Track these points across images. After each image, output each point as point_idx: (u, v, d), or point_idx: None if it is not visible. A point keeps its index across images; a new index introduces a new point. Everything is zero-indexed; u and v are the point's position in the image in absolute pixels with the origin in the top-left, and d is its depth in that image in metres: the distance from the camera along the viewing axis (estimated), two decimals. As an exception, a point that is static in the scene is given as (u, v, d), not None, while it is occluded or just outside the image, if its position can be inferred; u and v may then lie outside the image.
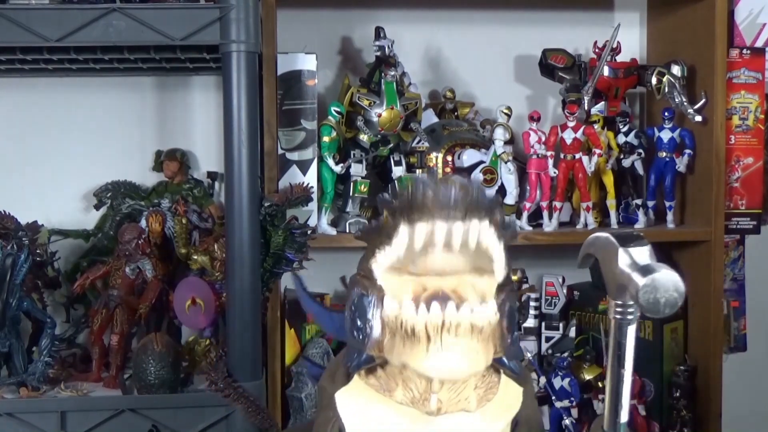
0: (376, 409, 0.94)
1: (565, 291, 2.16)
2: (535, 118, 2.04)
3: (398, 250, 0.87)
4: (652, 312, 0.86)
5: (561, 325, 2.14)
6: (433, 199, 0.83)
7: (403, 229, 0.85)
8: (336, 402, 0.96)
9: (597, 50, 2.17)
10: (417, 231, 0.84)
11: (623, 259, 0.88)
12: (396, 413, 0.92)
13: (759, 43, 2.18)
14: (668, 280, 0.85)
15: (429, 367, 0.85)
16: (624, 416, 0.91)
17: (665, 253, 2.14)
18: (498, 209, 0.87)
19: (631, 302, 0.89)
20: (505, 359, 0.92)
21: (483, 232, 0.85)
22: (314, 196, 1.90)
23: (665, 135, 2.08)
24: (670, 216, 2.09)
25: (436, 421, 0.92)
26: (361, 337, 0.91)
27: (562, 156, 2.04)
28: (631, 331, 0.91)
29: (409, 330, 0.86)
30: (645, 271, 0.85)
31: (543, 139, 2.03)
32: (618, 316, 0.91)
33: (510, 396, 0.97)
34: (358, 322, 0.91)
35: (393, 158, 2.04)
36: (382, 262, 0.89)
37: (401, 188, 0.86)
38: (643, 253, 0.88)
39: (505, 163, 2.03)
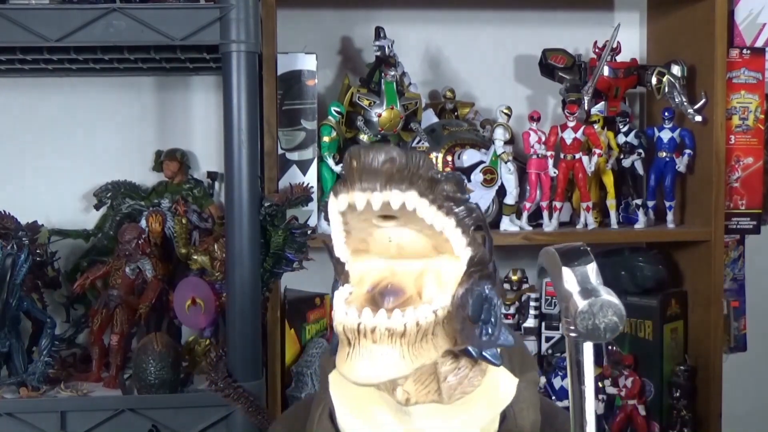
0: (360, 394, 0.94)
1: (565, 291, 2.15)
2: (535, 118, 2.04)
3: (334, 226, 0.85)
4: (593, 338, 0.84)
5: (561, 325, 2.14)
6: (355, 167, 0.80)
7: (331, 200, 0.83)
8: (329, 383, 0.97)
9: (597, 50, 2.17)
10: (339, 201, 0.82)
11: (566, 278, 0.86)
12: (376, 400, 0.93)
13: (759, 43, 2.18)
14: (607, 305, 0.83)
15: (346, 372, 0.82)
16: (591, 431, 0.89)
17: (665, 253, 2.14)
18: (442, 183, 0.83)
19: None
20: (472, 350, 0.87)
21: (409, 202, 0.80)
22: (314, 196, 1.90)
23: (665, 135, 2.08)
24: (670, 216, 2.09)
25: (410, 411, 0.91)
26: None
27: (562, 156, 2.04)
28: (588, 348, 0.87)
29: (336, 331, 0.84)
30: (584, 294, 0.83)
31: (543, 139, 2.03)
32: (572, 334, 0.87)
33: (499, 389, 0.95)
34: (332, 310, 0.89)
35: (393, 158, 2.04)
36: (337, 242, 0.87)
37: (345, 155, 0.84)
38: (586, 273, 0.86)
39: (505, 163, 2.02)
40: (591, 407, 0.89)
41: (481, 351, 0.87)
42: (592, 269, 0.86)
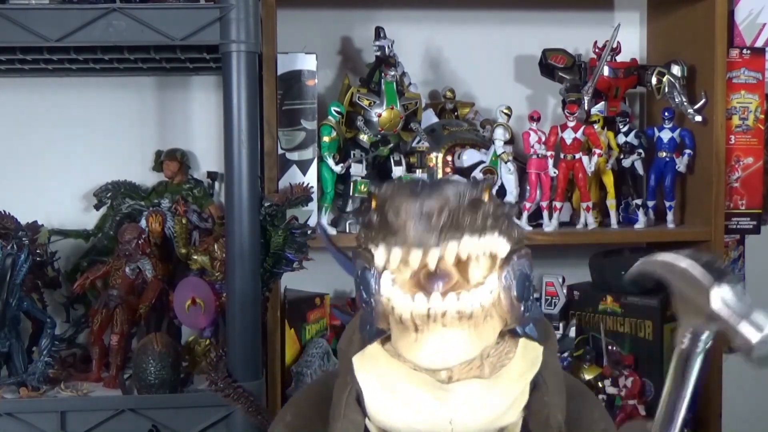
0: (392, 375, 0.93)
1: (565, 291, 2.16)
2: (535, 118, 2.04)
3: (379, 261, 0.87)
4: (762, 364, 0.83)
5: (561, 325, 2.14)
6: (406, 227, 0.82)
7: (381, 248, 0.85)
8: (353, 366, 0.96)
9: (597, 50, 2.17)
10: (392, 255, 0.84)
11: (717, 298, 0.84)
12: (412, 379, 0.92)
13: (759, 43, 2.18)
14: None
15: (417, 358, 0.84)
16: None
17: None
18: (482, 205, 0.85)
19: (706, 333, 0.87)
20: (518, 329, 0.91)
21: (464, 250, 0.84)
22: (314, 196, 1.90)
23: (665, 135, 2.08)
24: (670, 216, 2.09)
25: (450, 388, 0.91)
26: (369, 309, 0.90)
27: (562, 156, 2.04)
28: (698, 362, 0.88)
29: (398, 317, 0.85)
30: (753, 323, 0.82)
31: (543, 139, 2.03)
32: (686, 345, 0.88)
33: (528, 357, 0.96)
34: (364, 295, 0.90)
35: (393, 158, 2.04)
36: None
37: (380, 195, 0.86)
38: (738, 294, 0.84)
39: (505, 163, 2.02)
40: (681, 419, 0.88)
41: (524, 328, 0.91)
42: (742, 287, 0.85)
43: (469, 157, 2.05)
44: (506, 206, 0.90)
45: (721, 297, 0.84)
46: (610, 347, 2.08)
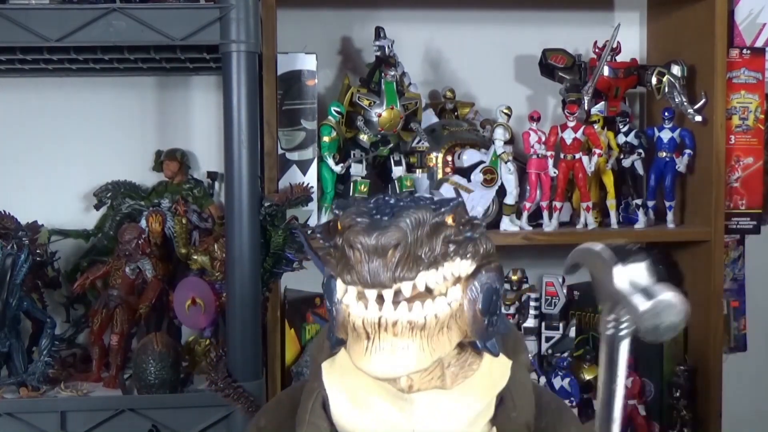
0: (358, 384, 0.94)
1: (565, 291, 2.16)
2: (535, 118, 2.04)
3: (338, 293, 0.87)
4: (651, 336, 0.83)
5: (561, 325, 2.14)
6: (361, 264, 0.81)
7: (340, 281, 0.85)
8: (321, 372, 0.97)
9: (597, 50, 2.17)
10: (349, 291, 0.84)
11: (620, 276, 0.84)
12: (376, 389, 0.93)
13: (759, 43, 2.18)
14: (671, 304, 0.82)
15: (366, 366, 0.83)
16: (617, 429, 0.89)
17: (665, 253, 2.14)
18: (443, 229, 0.84)
19: (627, 317, 0.86)
20: (478, 342, 0.89)
21: (420, 284, 0.83)
22: (314, 196, 1.90)
23: (665, 135, 2.08)
24: (670, 216, 2.09)
25: (411, 398, 0.92)
26: (331, 317, 0.90)
27: (562, 156, 2.04)
28: (624, 346, 0.87)
29: (352, 325, 0.85)
30: (646, 294, 0.82)
31: (543, 139, 2.03)
32: (610, 331, 0.88)
33: (495, 371, 0.96)
34: (328, 303, 0.90)
35: (393, 158, 2.04)
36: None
37: (341, 224, 0.85)
38: (641, 271, 0.84)
39: (505, 163, 2.02)
40: (620, 405, 0.88)
41: (485, 342, 0.89)
42: (647, 266, 0.84)
43: (469, 157, 2.05)
44: (473, 227, 0.88)
45: (622, 275, 0.84)
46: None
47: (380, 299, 0.83)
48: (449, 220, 0.86)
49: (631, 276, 0.84)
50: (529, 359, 1.06)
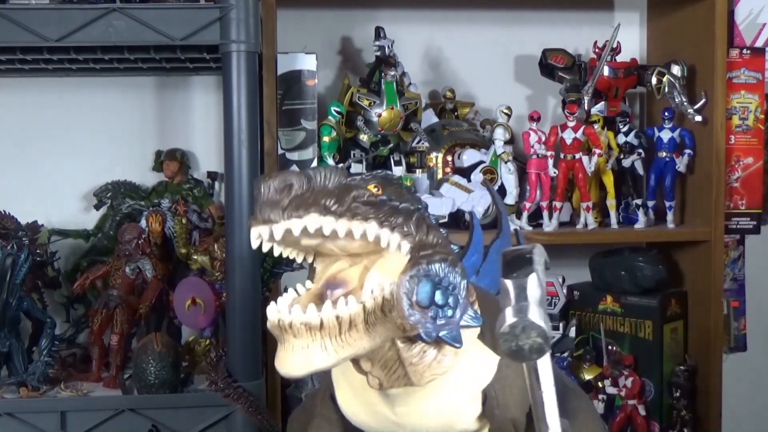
0: (358, 381, 0.99)
1: (565, 291, 2.16)
2: (535, 118, 2.04)
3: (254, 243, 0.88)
4: (517, 358, 0.79)
5: (561, 325, 2.14)
6: (258, 202, 0.84)
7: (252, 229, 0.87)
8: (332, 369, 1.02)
9: (597, 50, 2.17)
10: (251, 235, 0.86)
11: (503, 290, 0.80)
12: (366, 383, 0.97)
13: (759, 43, 2.18)
14: (530, 327, 0.77)
15: (276, 365, 0.88)
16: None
17: (665, 253, 2.14)
18: (352, 190, 0.85)
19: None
20: (423, 335, 0.87)
21: (311, 224, 0.84)
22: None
23: (665, 135, 2.08)
24: (670, 216, 2.09)
25: (393, 395, 0.96)
26: None
27: (562, 156, 2.04)
28: (544, 356, 0.82)
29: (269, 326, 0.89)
30: (513, 312, 0.78)
31: (543, 139, 2.03)
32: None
33: (479, 367, 0.96)
34: None
35: (393, 158, 2.04)
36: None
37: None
38: (523, 287, 0.79)
39: (505, 163, 2.03)
40: (553, 411, 0.84)
41: (437, 334, 0.87)
42: (532, 282, 0.79)
43: (469, 157, 2.05)
44: (409, 205, 0.88)
45: (504, 288, 0.80)
46: (610, 347, 2.08)
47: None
48: (371, 188, 0.87)
49: (512, 289, 0.80)
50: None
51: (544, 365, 0.83)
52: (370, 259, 0.89)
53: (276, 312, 0.86)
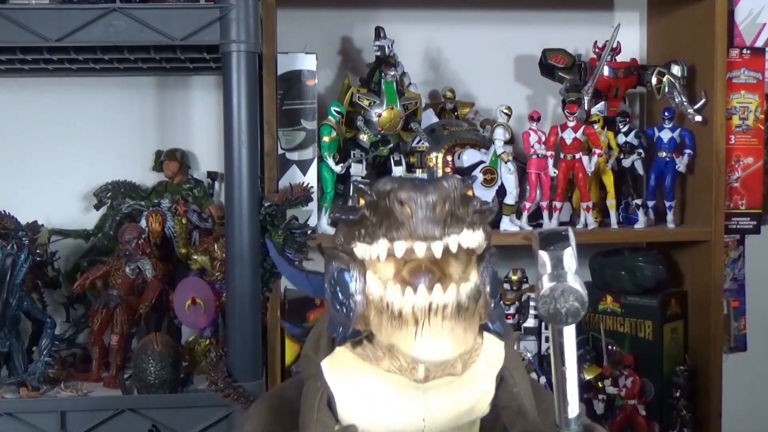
0: (365, 378, 0.94)
1: (565, 291, 2.15)
2: (535, 118, 2.04)
3: (376, 254, 0.87)
4: (554, 321, 0.85)
5: (561, 325, 2.14)
6: (412, 218, 0.83)
7: (382, 242, 0.86)
8: (322, 371, 0.96)
9: (597, 50, 2.17)
10: (396, 247, 0.85)
11: (541, 261, 0.87)
12: (385, 381, 0.93)
13: (759, 43, 2.18)
14: (568, 290, 0.84)
15: (418, 352, 0.85)
16: (573, 410, 0.90)
17: (665, 253, 2.14)
18: (472, 200, 0.88)
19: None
20: (489, 324, 0.92)
21: (464, 242, 0.86)
22: (314, 196, 1.90)
23: (665, 135, 2.08)
24: (670, 216, 2.09)
25: (424, 388, 0.93)
26: (345, 311, 0.90)
27: (562, 156, 2.04)
28: (568, 331, 0.88)
29: (396, 312, 0.85)
30: (551, 278, 0.85)
31: (543, 139, 2.03)
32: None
33: (492, 353, 0.98)
34: (341, 297, 0.90)
35: (393, 158, 2.04)
36: (360, 248, 0.89)
37: (380, 189, 0.86)
38: (560, 257, 0.86)
39: (505, 163, 2.02)
40: (574, 388, 0.90)
41: (493, 325, 0.92)
42: (568, 254, 0.86)
43: (469, 157, 2.05)
44: (485, 202, 0.91)
45: (542, 259, 0.86)
46: (610, 347, 2.08)
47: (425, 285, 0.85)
48: (470, 192, 0.89)
49: (549, 262, 0.86)
50: (515, 338, 1.09)
51: (570, 341, 0.88)
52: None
53: (425, 294, 0.84)
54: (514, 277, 2.11)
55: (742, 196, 2.13)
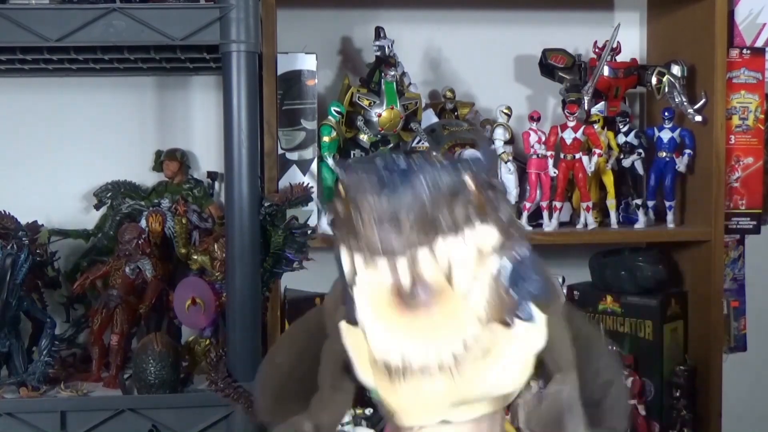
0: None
1: (565, 291, 2.15)
2: (535, 118, 2.04)
3: (345, 267, 0.75)
4: None
5: (561, 325, 2.14)
6: (370, 226, 0.69)
7: (343, 253, 0.74)
8: (341, 332, 0.84)
9: (597, 50, 2.17)
10: (356, 262, 0.73)
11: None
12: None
13: (759, 43, 2.18)
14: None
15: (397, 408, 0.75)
16: None
17: (665, 253, 2.14)
18: (460, 198, 0.71)
19: None
20: (508, 320, 0.75)
21: (440, 254, 0.70)
22: (314, 196, 1.90)
23: (665, 135, 2.08)
24: (670, 216, 2.09)
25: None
26: (352, 305, 0.77)
27: (562, 156, 2.04)
28: None
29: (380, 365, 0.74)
30: None
31: (543, 139, 2.03)
32: None
33: (526, 333, 0.79)
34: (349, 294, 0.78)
35: (393, 158, 2.04)
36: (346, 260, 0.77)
37: (344, 184, 0.73)
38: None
39: (505, 163, 2.03)
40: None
41: (517, 314, 0.77)
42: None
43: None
44: (493, 185, 0.75)
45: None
46: (610, 347, 2.08)
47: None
48: (467, 178, 0.72)
49: None
50: (563, 303, 0.87)
51: None
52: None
53: (397, 353, 0.70)
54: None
55: (742, 196, 2.12)
